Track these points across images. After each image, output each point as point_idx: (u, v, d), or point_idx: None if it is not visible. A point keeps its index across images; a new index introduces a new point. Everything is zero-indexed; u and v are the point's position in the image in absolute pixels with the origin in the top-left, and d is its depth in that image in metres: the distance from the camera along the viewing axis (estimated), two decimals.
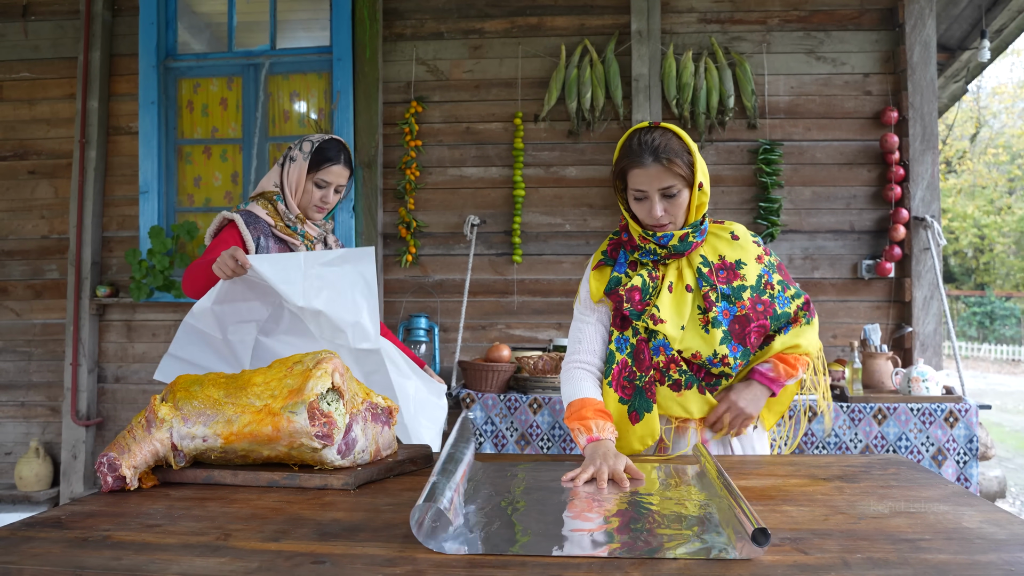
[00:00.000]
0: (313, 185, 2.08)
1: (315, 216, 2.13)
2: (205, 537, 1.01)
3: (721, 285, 1.61)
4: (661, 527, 1.04)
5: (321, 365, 1.33)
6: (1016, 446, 7.08)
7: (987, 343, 16.68)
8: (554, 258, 3.92)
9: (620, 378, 1.64)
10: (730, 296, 1.60)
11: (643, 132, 1.57)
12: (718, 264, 1.63)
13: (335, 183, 2.10)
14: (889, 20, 3.80)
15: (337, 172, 2.09)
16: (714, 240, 1.67)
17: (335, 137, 2.12)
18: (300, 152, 2.08)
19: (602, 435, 1.47)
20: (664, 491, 1.26)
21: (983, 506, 1.18)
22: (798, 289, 1.67)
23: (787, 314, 1.62)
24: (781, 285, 1.64)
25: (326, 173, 2.07)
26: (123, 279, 4.08)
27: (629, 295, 1.63)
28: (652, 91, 3.79)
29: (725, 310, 1.60)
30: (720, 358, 1.58)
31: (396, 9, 3.99)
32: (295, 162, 2.07)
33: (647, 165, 1.54)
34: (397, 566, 0.91)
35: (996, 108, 19.62)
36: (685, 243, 1.60)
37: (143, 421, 1.29)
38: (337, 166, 2.08)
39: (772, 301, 1.62)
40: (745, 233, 1.69)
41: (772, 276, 1.65)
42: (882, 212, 3.76)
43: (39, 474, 3.92)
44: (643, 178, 1.55)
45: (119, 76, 4.13)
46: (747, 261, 1.64)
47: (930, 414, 2.99)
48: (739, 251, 1.65)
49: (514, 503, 1.18)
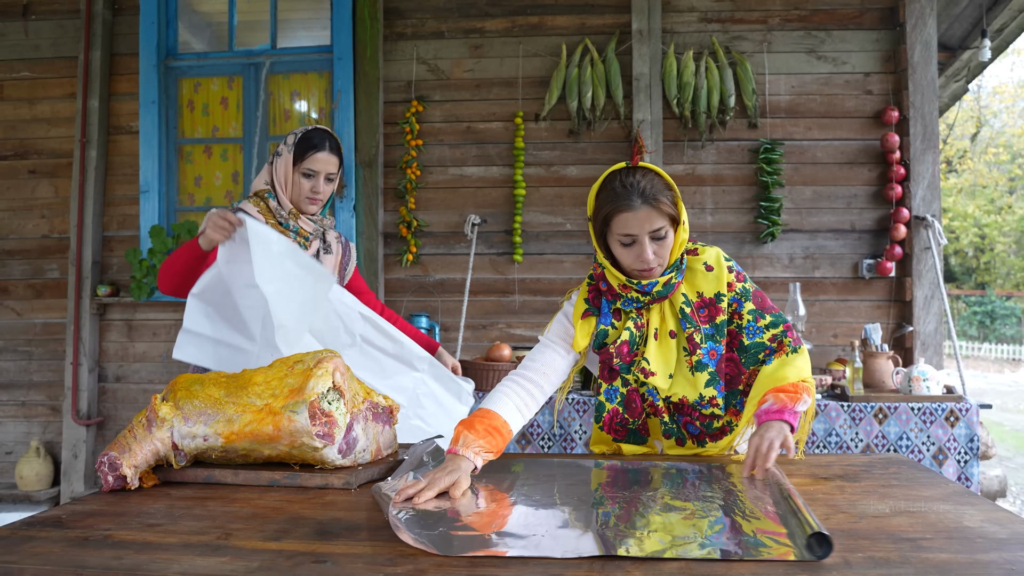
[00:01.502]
0: (301, 176, 2.03)
1: (308, 208, 2.08)
2: (206, 536, 1.01)
3: (704, 325, 1.56)
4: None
5: (322, 364, 1.33)
6: (1017, 445, 7.08)
7: (988, 342, 16.66)
8: (555, 257, 3.91)
9: (613, 424, 1.61)
10: (714, 335, 1.55)
11: (624, 174, 1.50)
12: (698, 302, 1.57)
13: (323, 171, 2.04)
14: (890, 19, 3.79)
15: (323, 159, 2.03)
16: (690, 275, 1.59)
17: (320, 127, 2.09)
18: (285, 145, 2.06)
19: (460, 451, 1.33)
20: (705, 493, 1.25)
21: (984, 505, 1.18)
22: (776, 317, 1.58)
23: (759, 345, 1.55)
24: (752, 315, 1.56)
25: (312, 161, 2.02)
26: (124, 278, 4.08)
27: (619, 350, 1.57)
28: (653, 90, 3.79)
29: (712, 350, 1.55)
30: (708, 400, 1.53)
31: (397, 8, 3.99)
32: (281, 156, 2.05)
33: (636, 208, 1.45)
34: (398, 565, 0.91)
35: (997, 107, 19.60)
36: (668, 287, 1.54)
37: (144, 420, 1.29)
38: (322, 153, 2.03)
39: (739, 332, 1.56)
40: (719, 260, 1.60)
41: (743, 305, 1.57)
42: (883, 211, 3.76)
43: (40, 473, 3.92)
44: (633, 222, 1.47)
45: (120, 75, 4.12)
46: (723, 292, 1.57)
47: (931, 413, 2.99)
48: (715, 283, 1.57)
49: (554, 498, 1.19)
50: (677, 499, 1.20)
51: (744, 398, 1.59)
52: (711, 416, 1.57)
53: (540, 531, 1.03)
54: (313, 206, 2.07)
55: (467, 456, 1.32)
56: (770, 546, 0.96)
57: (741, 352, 1.57)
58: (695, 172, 3.84)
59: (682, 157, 3.85)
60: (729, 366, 1.57)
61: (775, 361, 1.54)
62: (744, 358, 1.57)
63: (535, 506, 1.16)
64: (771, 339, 1.56)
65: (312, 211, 2.08)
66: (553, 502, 1.19)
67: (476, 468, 1.32)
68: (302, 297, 1.86)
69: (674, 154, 3.85)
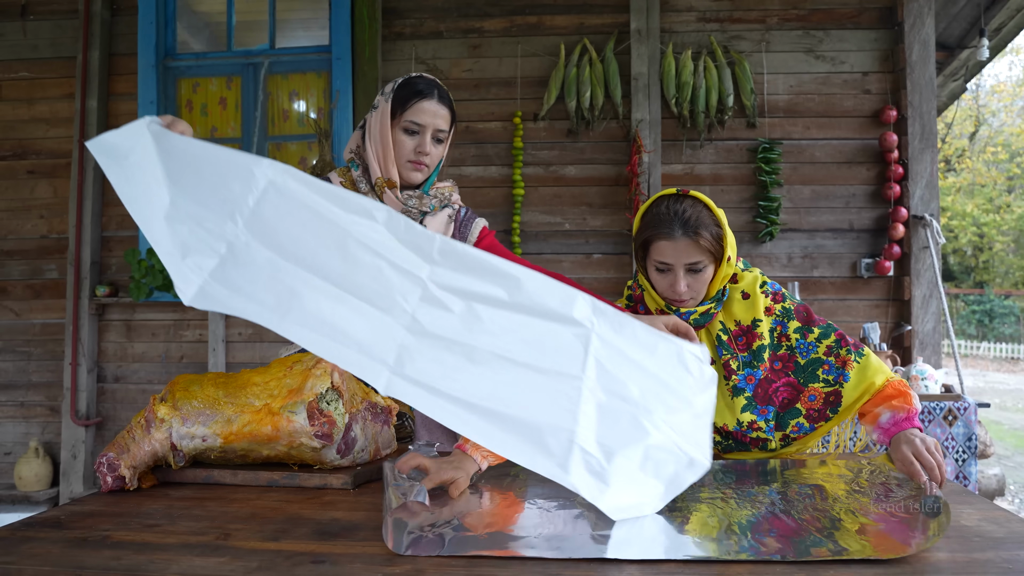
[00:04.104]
0: (403, 133, 1.58)
1: (412, 176, 1.61)
2: (205, 537, 1.01)
3: (742, 353, 1.54)
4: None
5: (320, 364, 1.33)
6: (1015, 444, 7.08)
7: (986, 341, 16.68)
8: (553, 257, 3.92)
9: None
10: (751, 361, 1.53)
11: (672, 200, 1.48)
12: (736, 331, 1.56)
13: (431, 125, 1.58)
14: (888, 19, 3.80)
15: (431, 110, 1.58)
16: (727, 304, 1.57)
17: (424, 74, 1.65)
18: (382, 95, 1.61)
19: (469, 450, 1.27)
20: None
21: (981, 504, 1.18)
22: (825, 328, 1.54)
23: (816, 361, 1.51)
24: (799, 332, 1.53)
25: (416, 112, 1.57)
26: (122, 279, 4.08)
27: None
28: (651, 90, 3.79)
29: (749, 375, 1.53)
30: (747, 425, 1.51)
31: (395, 8, 3.99)
32: (376, 109, 1.60)
33: (676, 238, 1.44)
34: (396, 565, 0.91)
35: (995, 106, 19.62)
36: (706, 316, 1.53)
37: (142, 421, 1.29)
38: (429, 102, 1.58)
39: (792, 354, 1.53)
40: (754, 287, 1.57)
41: (787, 325, 1.55)
42: (881, 211, 3.77)
43: (38, 474, 3.92)
44: (670, 251, 1.45)
45: (118, 75, 4.12)
46: (761, 318, 1.55)
47: (929, 412, 2.99)
48: (751, 310, 1.55)
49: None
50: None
51: (803, 418, 1.53)
52: (758, 440, 1.53)
53: (550, 530, 1.03)
54: (418, 172, 1.61)
55: (474, 458, 1.27)
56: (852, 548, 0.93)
57: (798, 373, 1.53)
58: (693, 172, 3.84)
59: (680, 157, 3.85)
60: (787, 390, 1.54)
61: (852, 375, 1.48)
62: (802, 378, 1.53)
63: (548, 507, 1.14)
64: (826, 352, 1.52)
65: (416, 179, 1.62)
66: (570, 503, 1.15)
67: (480, 470, 1.29)
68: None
69: (672, 154, 3.85)
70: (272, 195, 1.09)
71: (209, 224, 1.06)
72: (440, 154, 1.63)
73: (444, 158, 1.66)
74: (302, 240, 1.09)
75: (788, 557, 0.92)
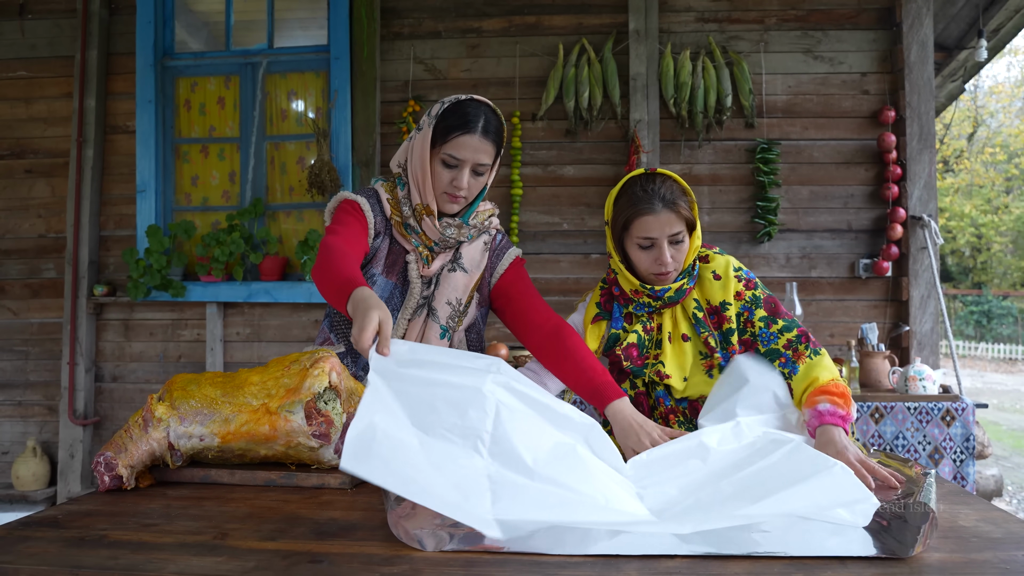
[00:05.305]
0: (441, 164, 1.51)
1: (447, 207, 1.55)
2: (202, 536, 1.01)
3: (714, 331, 1.59)
4: None
5: (318, 364, 1.33)
6: (1013, 445, 7.09)
7: (984, 342, 16.70)
8: (552, 257, 3.92)
9: None
10: (722, 342, 1.59)
11: (644, 180, 1.56)
12: (708, 308, 1.61)
13: (471, 160, 1.50)
14: (886, 19, 3.80)
15: (472, 145, 1.49)
16: (700, 283, 1.64)
17: (477, 97, 1.55)
18: (428, 117, 1.54)
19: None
20: None
21: (979, 504, 1.19)
22: (789, 321, 1.58)
23: (774, 352, 1.55)
24: (764, 321, 1.57)
25: (455, 147, 1.49)
26: (120, 278, 4.07)
27: (627, 353, 1.61)
28: (650, 90, 3.79)
29: (728, 356, 1.58)
30: None
31: (394, 8, 3.99)
32: (420, 132, 1.54)
33: (657, 212, 1.52)
34: (394, 565, 0.91)
35: (993, 107, 19.65)
36: (680, 292, 1.59)
37: (140, 420, 1.29)
38: (471, 136, 1.49)
39: (754, 341, 1.58)
40: (727, 269, 1.62)
41: (754, 312, 1.58)
42: (879, 211, 3.77)
43: (36, 473, 3.92)
44: (653, 225, 1.52)
45: (116, 75, 4.12)
46: (731, 301, 1.60)
47: (927, 413, 3.00)
48: (723, 292, 1.60)
49: None
50: None
51: None
52: None
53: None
54: (454, 204, 1.55)
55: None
56: None
57: None
58: (692, 172, 3.85)
59: (679, 157, 3.85)
60: None
61: (801, 368, 1.51)
62: None
63: None
64: (785, 345, 1.55)
65: (452, 211, 1.57)
66: None
67: None
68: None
69: (671, 154, 3.85)
70: (504, 414, 1.11)
71: (462, 460, 1.05)
72: (481, 185, 1.57)
73: (489, 185, 1.62)
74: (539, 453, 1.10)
75: (789, 553, 0.92)
